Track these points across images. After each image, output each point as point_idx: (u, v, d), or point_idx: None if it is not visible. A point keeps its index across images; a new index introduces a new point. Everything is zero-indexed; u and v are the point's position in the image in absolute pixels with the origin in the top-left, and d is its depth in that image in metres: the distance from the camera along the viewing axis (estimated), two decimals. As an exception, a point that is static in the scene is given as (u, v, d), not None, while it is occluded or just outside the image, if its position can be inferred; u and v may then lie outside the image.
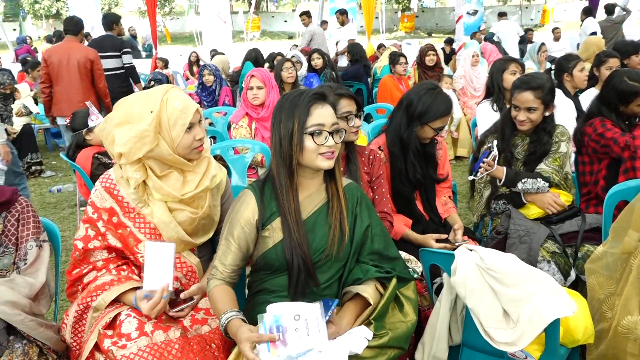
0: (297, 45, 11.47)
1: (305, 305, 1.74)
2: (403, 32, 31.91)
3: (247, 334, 1.64)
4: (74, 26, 5.55)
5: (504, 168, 2.80)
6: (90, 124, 3.91)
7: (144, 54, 17.92)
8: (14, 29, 26.95)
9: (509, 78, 3.99)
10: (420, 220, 2.75)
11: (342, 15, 10.70)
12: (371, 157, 2.61)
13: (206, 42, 14.15)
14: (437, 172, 2.84)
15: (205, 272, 2.20)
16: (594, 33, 10.36)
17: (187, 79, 10.80)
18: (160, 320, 1.94)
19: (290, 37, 28.55)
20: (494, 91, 4.11)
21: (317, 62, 7.17)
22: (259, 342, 1.63)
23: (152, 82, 6.23)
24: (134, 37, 17.75)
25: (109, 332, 1.87)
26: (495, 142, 2.77)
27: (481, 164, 2.70)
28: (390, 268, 1.91)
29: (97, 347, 1.89)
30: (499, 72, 4.12)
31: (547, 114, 2.86)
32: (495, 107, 4.04)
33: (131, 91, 6.35)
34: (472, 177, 2.81)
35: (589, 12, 11.50)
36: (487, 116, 4.02)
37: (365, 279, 1.86)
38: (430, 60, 6.96)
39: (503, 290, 1.82)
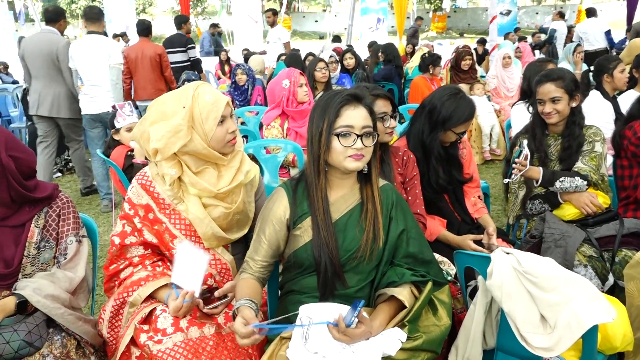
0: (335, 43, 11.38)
1: (337, 307, 1.75)
2: (434, 32, 31.65)
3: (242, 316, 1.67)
4: (146, 28, 6.63)
5: (540, 168, 2.76)
6: (117, 125, 3.97)
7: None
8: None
9: None
10: (453, 222, 2.72)
11: (274, 15, 9.78)
12: (405, 157, 2.59)
13: (237, 42, 14.27)
14: (462, 173, 2.80)
15: (239, 269, 2.22)
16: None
17: (219, 78, 10.91)
18: (194, 316, 1.97)
19: (321, 37, 28.57)
20: (531, 93, 4.04)
21: (350, 62, 7.16)
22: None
23: (186, 83, 6.31)
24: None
25: (145, 327, 1.90)
26: (525, 141, 2.74)
27: (514, 165, 2.67)
28: (425, 271, 1.90)
29: (133, 341, 1.93)
30: (536, 74, 4.04)
31: (573, 104, 2.83)
32: (530, 109, 3.98)
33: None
34: (507, 180, 2.78)
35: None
36: (522, 118, 3.96)
37: (400, 282, 1.84)
38: (465, 64, 6.88)
39: (540, 294, 1.79)
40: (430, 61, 6.65)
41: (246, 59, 8.47)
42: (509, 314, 1.83)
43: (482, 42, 11.39)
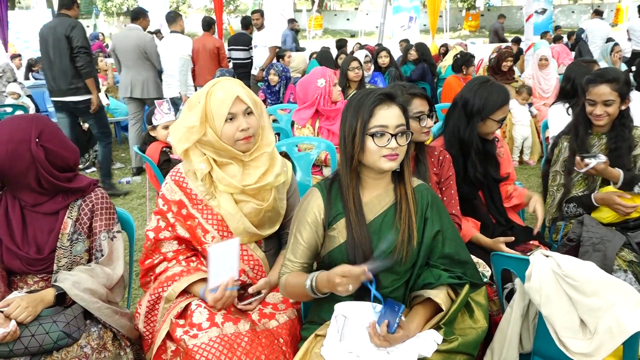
0: (360, 44, 11.32)
1: (371, 305, 1.75)
2: (467, 31, 31.28)
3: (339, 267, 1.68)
4: (207, 24, 7.83)
5: (620, 171, 2.70)
6: (154, 122, 4.02)
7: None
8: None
9: None
10: (487, 223, 2.68)
11: (262, 17, 8.81)
12: (441, 157, 2.56)
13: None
14: (498, 172, 2.76)
15: (272, 266, 2.23)
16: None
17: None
18: (229, 312, 1.98)
19: (352, 36, 28.49)
20: (577, 94, 3.96)
21: (385, 60, 7.12)
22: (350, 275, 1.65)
23: (220, 74, 6.43)
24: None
25: (181, 322, 1.92)
26: (602, 156, 2.67)
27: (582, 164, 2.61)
28: (462, 272, 1.87)
29: (169, 336, 1.95)
30: (583, 75, 3.94)
31: (623, 107, 2.76)
32: (570, 111, 3.90)
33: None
34: (583, 169, 2.70)
35: None
36: (560, 119, 3.89)
37: (437, 284, 1.82)
38: (506, 66, 6.78)
39: (581, 298, 1.75)
40: (462, 61, 6.58)
41: (278, 58, 8.50)
42: (548, 317, 1.79)
43: (517, 41, 11.21)
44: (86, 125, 6.89)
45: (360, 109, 1.81)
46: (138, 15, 6.59)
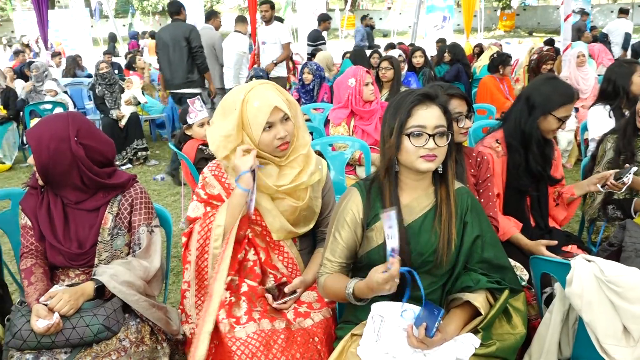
0: (394, 45, 11.23)
1: (407, 306, 1.74)
2: (502, 30, 30.86)
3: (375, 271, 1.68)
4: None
5: None
6: (189, 120, 4.06)
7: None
8: (123, 25, 28.63)
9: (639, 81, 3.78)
10: (526, 225, 2.64)
11: (272, 9, 7.69)
12: (479, 159, 2.53)
13: (302, 39, 14.37)
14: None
15: (307, 265, 2.23)
16: None
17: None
18: (265, 310, 1.99)
19: (385, 35, 28.38)
20: (618, 96, 3.87)
21: (419, 60, 7.07)
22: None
23: (253, 78, 6.46)
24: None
25: (222, 315, 1.94)
26: (634, 169, 2.60)
27: (613, 183, 2.54)
28: (500, 277, 1.84)
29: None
30: (625, 76, 3.85)
31: None
32: (611, 114, 3.81)
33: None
34: (623, 189, 2.63)
35: None
36: (601, 121, 3.81)
37: (475, 288, 1.79)
38: (545, 69, 6.66)
39: (624, 305, 1.70)
40: (499, 61, 6.47)
41: (313, 55, 8.52)
42: (589, 324, 1.75)
43: (550, 42, 11.00)
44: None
45: (399, 109, 1.80)
46: (210, 16, 7.65)
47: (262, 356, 1.81)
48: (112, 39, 17.99)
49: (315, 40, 9.35)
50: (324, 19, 9.78)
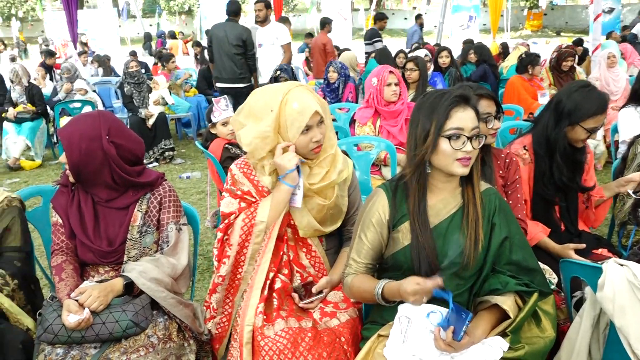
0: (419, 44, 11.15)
1: (434, 308, 1.73)
2: (529, 30, 30.46)
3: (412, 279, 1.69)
4: (323, 24, 9.20)
5: None
6: (213, 119, 4.09)
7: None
8: (150, 24, 28.98)
9: None
10: (555, 230, 2.60)
11: (267, 9, 7.06)
12: (507, 160, 2.50)
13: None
14: (582, 180, 2.65)
15: (333, 264, 2.23)
16: None
17: (307, 74, 11.03)
18: (292, 310, 2.00)
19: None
20: None
21: (445, 60, 7.01)
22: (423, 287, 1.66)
23: (279, 72, 6.52)
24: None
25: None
26: None
27: None
28: (529, 280, 1.81)
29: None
30: None
31: None
32: None
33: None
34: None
35: None
36: (632, 123, 3.74)
37: (504, 291, 1.77)
38: (566, 65, 6.56)
39: (658, 311, 1.67)
40: (528, 61, 6.36)
41: (338, 56, 8.53)
42: (621, 329, 1.72)
43: (579, 42, 10.81)
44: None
45: (435, 110, 1.77)
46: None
47: (289, 353, 1.82)
48: (148, 38, 18.14)
49: (372, 38, 9.46)
50: (381, 18, 10.13)
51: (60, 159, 2.11)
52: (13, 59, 10.66)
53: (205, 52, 8.58)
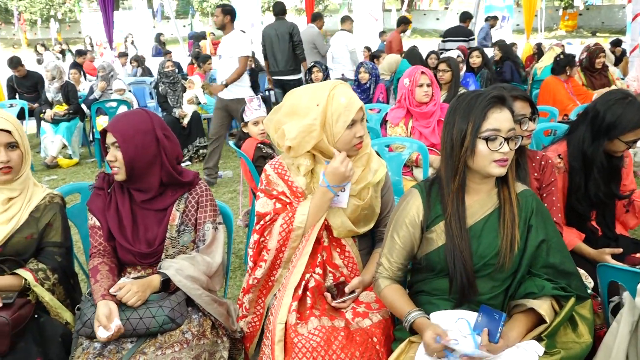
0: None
1: (465, 314, 1.72)
2: (564, 31, 29.89)
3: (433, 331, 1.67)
4: (401, 22, 9.79)
5: None
6: (245, 118, 4.12)
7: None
8: (184, 25, 29.35)
9: None
10: (590, 234, 2.55)
11: (224, 14, 5.89)
12: (542, 162, 2.46)
13: (358, 39, 14.35)
14: (619, 187, 2.57)
15: (365, 265, 2.23)
16: None
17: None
18: (324, 309, 2.00)
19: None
20: None
21: (476, 60, 6.94)
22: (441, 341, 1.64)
23: (314, 65, 6.66)
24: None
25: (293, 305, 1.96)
26: None
27: None
28: (566, 284, 1.78)
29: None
30: None
31: None
32: None
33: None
34: None
35: None
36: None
37: (540, 294, 1.74)
38: (599, 62, 6.41)
39: (700, 318, 1.63)
40: (566, 62, 6.21)
41: (372, 58, 8.53)
42: (661, 336, 1.68)
43: (617, 43, 10.57)
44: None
45: (472, 111, 1.75)
46: (315, 18, 8.87)
47: (322, 351, 1.82)
48: (197, 38, 18.22)
49: (467, 35, 9.49)
50: (468, 17, 10.18)
51: (108, 157, 2.13)
52: (61, 52, 10.90)
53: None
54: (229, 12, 5.87)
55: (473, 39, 9.37)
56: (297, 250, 2.10)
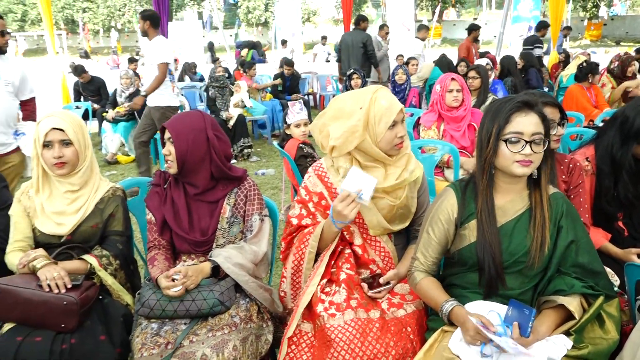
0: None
1: (495, 306, 1.69)
2: (588, 40, 29.07)
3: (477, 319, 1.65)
4: (472, 29, 9.69)
5: None
6: (288, 120, 4.15)
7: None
8: (230, 35, 29.67)
9: None
10: (618, 235, 2.47)
11: (144, 20, 5.43)
12: (571, 165, 2.40)
13: (392, 48, 14.26)
14: None
15: (400, 259, 2.21)
16: None
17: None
18: (362, 298, 1.99)
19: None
20: None
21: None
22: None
23: (354, 72, 6.66)
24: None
25: (324, 297, 1.95)
26: None
27: None
28: (594, 282, 1.73)
29: (309, 308, 1.98)
30: None
31: None
32: None
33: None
34: None
35: None
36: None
37: (569, 292, 1.70)
38: (631, 71, 6.22)
39: None
40: (588, 70, 6.07)
41: (406, 63, 8.49)
42: (687, 334, 1.62)
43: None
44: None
45: (498, 114, 1.75)
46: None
47: (358, 342, 1.81)
48: (253, 46, 18.35)
49: (533, 43, 9.66)
50: (543, 26, 10.29)
51: (164, 151, 2.18)
52: (132, 60, 11.12)
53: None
54: (148, 18, 5.35)
55: (539, 47, 9.39)
56: (312, 272, 2.10)
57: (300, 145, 4.02)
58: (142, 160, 5.76)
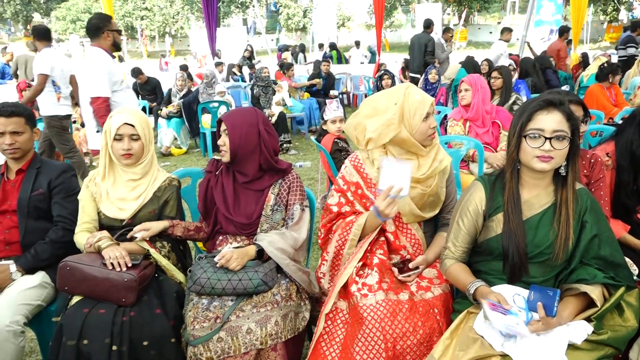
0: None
1: (518, 289, 1.66)
2: (608, 42, 27.98)
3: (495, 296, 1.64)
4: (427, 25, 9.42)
5: None
6: (325, 117, 4.13)
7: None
8: (272, 39, 29.80)
9: None
10: (637, 226, 2.37)
11: (32, 35, 5.26)
12: (592, 160, 2.31)
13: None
14: None
15: (429, 245, 2.18)
16: None
17: (402, 81, 10.87)
18: (392, 282, 1.97)
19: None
20: None
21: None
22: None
23: (384, 73, 6.60)
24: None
25: (357, 279, 1.94)
26: None
27: None
28: (614, 274, 1.67)
29: (344, 287, 1.96)
30: None
31: None
32: None
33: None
34: None
35: None
36: None
37: (592, 282, 1.64)
38: None
39: None
40: (609, 70, 5.84)
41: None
42: None
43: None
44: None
45: (523, 112, 1.71)
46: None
47: (388, 321, 1.79)
48: (284, 49, 18.35)
49: (626, 43, 9.46)
50: (638, 25, 9.91)
51: (219, 141, 2.21)
52: (184, 68, 11.35)
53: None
54: (33, 32, 5.18)
55: (633, 46, 9.17)
56: (352, 254, 2.07)
57: (336, 140, 4.01)
58: (77, 167, 5.13)
